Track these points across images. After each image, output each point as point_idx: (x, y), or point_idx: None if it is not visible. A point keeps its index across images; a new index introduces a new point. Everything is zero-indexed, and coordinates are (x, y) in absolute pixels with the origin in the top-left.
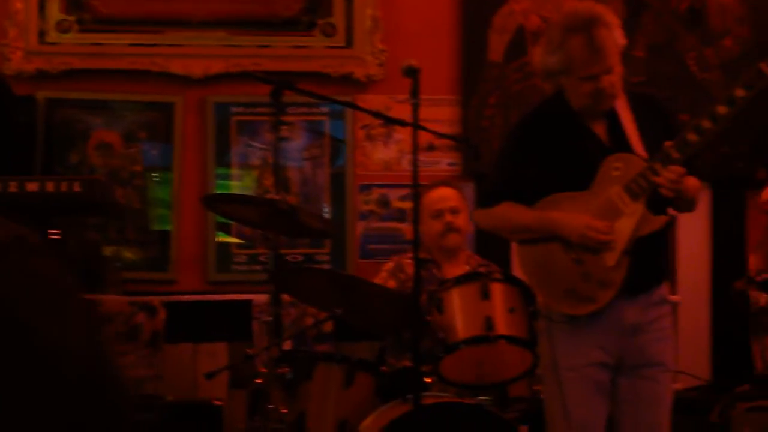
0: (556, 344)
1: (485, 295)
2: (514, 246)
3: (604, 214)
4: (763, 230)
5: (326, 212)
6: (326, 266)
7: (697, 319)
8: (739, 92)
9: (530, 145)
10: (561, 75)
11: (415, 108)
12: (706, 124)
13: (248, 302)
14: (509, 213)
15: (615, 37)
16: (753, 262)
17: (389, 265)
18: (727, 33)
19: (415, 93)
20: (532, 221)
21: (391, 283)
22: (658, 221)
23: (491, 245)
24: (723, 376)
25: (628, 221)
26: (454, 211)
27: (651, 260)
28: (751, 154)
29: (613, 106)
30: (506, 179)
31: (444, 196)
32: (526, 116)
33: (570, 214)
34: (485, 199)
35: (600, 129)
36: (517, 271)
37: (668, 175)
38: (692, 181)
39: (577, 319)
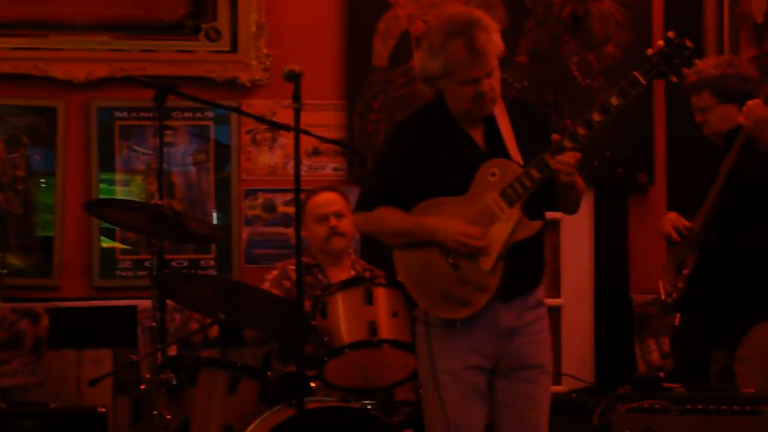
0: (434, 348)
1: (369, 299)
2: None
3: (481, 219)
4: (665, 254)
5: (214, 218)
6: (212, 272)
7: (581, 322)
8: (614, 100)
9: (407, 150)
10: (442, 79)
11: (297, 112)
12: (581, 130)
13: (133, 308)
14: (387, 217)
15: (494, 41)
16: (661, 286)
17: (273, 273)
18: (608, 39)
19: (297, 97)
20: (408, 226)
21: (276, 293)
22: (532, 227)
23: (377, 249)
24: (606, 379)
25: (504, 227)
26: (338, 216)
27: (526, 265)
28: (632, 159)
29: (491, 112)
30: (383, 183)
31: (328, 200)
32: (404, 120)
33: (445, 220)
34: (363, 202)
35: (478, 135)
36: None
37: (565, 158)
38: (579, 179)
39: (453, 323)
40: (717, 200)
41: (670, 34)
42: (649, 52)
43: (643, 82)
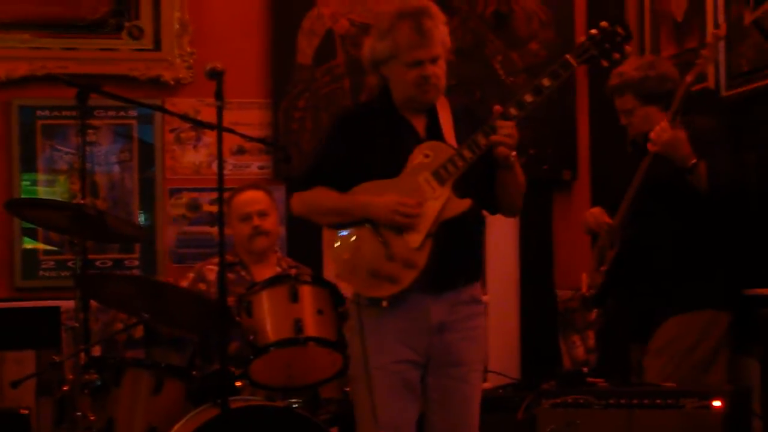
0: (366, 339)
1: (294, 297)
2: (325, 243)
3: (413, 198)
4: (589, 249)
5: (139, 218)
6: (136, 271)
7: (507, 318)
8: (546, 82)
9: (348, 134)
10: (388, 62)
11: (220, 111)
12: (513, 110)
13: (56, 309)
14: (321, 197)
15: (441, 30)
16: (584, 280)
17: (189, 276)
18: (532, 37)
19: (219, 95)
20: (342, 204)
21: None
22: (462, 204)
23: (303, 247)
24: (532, 374)
25: (434, 204)
26: (262, 215)
27: (459, 257)
28: (556, 156)
29: (434, 104)
30: (322, 165)
31: (252, 199)
32: (349, 107)
33: (379, 196)
34: (300, 182)
35: (419, 124)
36: (329, 274)
37: (501, 130)
38: (518, 166)
39: (379, 301)
40: (635, 199)
41: (603, 23)
42: (581, 38)
43: (575, 64)
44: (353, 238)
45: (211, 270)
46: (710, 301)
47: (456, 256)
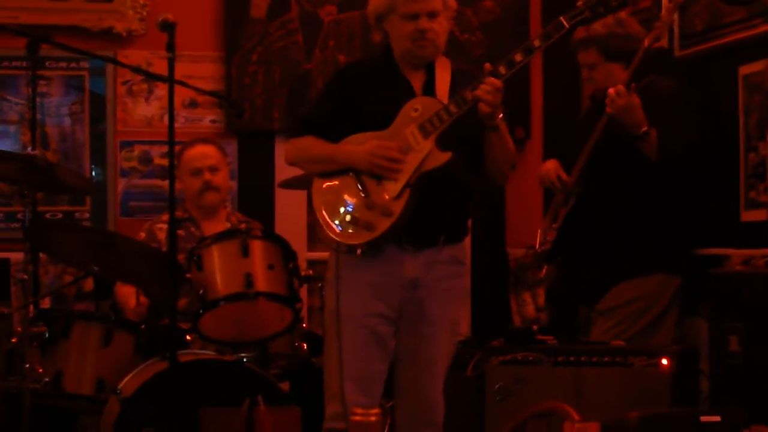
0: (341, 291)
1: (245, 252)
2: (313, 191)
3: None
4: (542, 208)
5: (92, 172)
6: (87, 224)
7: None
8: (537, 42)
9: (345, 87)
10: (387, 17)
11: (171, 63)
12: (503, 69)
13: (5, 261)
14: (311, 145)
15: None
16: (538, 235)
17: (141, 235)
18: None
19: (171, 47)
20: (329, 152)
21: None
22: (442, 157)
23: (254, 202)
24: (482, 332)
25: (415, 156)
26: (213, 170)
27: (438, 212)
28: (508, 114)
29: (433, 63)
30: (315, 114)
31: (203, 153)
32: (350, 61)
33: (363, 146)
34: (294, 130)
35: (416, 81)
36: (281, 229)
37: (485, 86)
38: (504, 126)
39: (355, 248)
40: (590, 157)
41: None
42: (580, 2)
43: (567, 26)
44: (336, 186)
45: (162, 229)
46: (662, 265)
47: (435, 211)
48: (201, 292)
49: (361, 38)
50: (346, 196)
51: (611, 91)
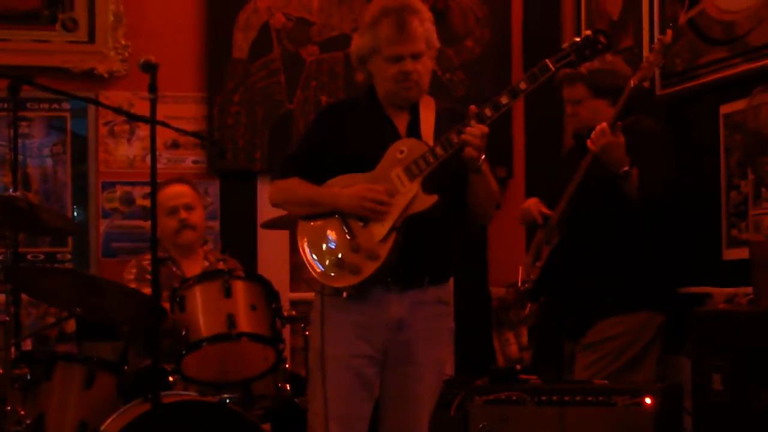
0: (326, 331)
1: (227, 292)
2: (299, 232)
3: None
4: (524, 247)
5: (74, 213)
6: (68, 265)
7: None
8: (523, 85)
9: (329, 127)
10: (371, 58)
11: (153, 103)
12: (488, 111)
13: None
14: (296, 187)
15: (426, 28)
16: (520, 273)
17: (132, 271)
18: (468, 34)
19: (153, 88)
20: (314, 195)
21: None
22: (427, 200)
23: (237, 243)
24: (465, 372)
25: (402, 198)
26: (188, 208)
27: (423, 254)
28: (490, 152)
29: (417, 103)
30: (300, 156)
31: (177, 192)
32: (333, 102)
33: (349, 188)
34: (279, 171)
35: (401, 122)
36: (263, 269)
37: (471, 130)
38: (487, 169)
39: (341, 291)
40: (574, 196)
41: (587, 32)
42: (565, 45)
43: (552, 69)
44: (321, 227)
45: (149, 264)
46: (647, 302)
47: (420, 252)
48: (183, 332)
49: (344, 78)
50: (331, 239)
51: (597, 128)
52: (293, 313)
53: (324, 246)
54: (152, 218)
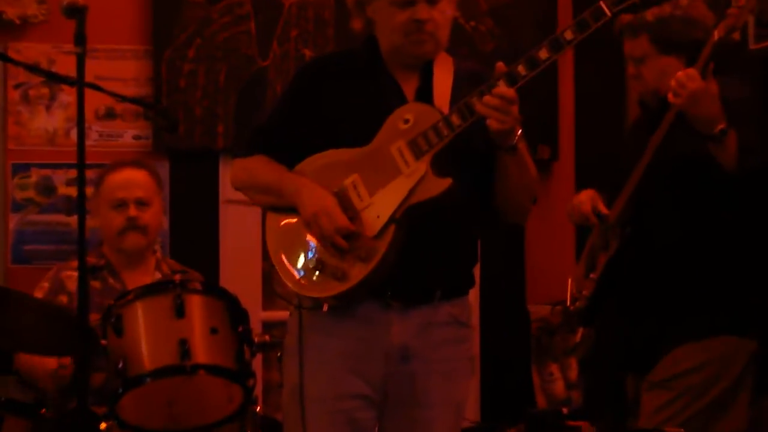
0: (306, 363)
1: (179, 311)
2: (267, 226)
3: (379, 173)
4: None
5: None
6: None
7: None
8: (569, 34)
9: (312, 91)
10: (373, 1)
11: (81, 59)
12: (522, 69)
13: None
14: (260, 168)
15: None
16: (569, 287)
17: (43, 286)
18: None
19: (81, 40)
20: (277, 181)
21: None
22: (440, 184)
23: (192, 244)
24: (495, 416)
25: (404, 182)
26: (140, 203)
27: (438, 258)
28: (530, 128)
29: (431, 62)
30: (270, 127)
31: (131, 180)
32: (321, 57)
33: (321, 188)
34: (244, 145)
35: (409, 85)
36: (228, 280)
37: (497, 93)
38: (523, 146)
39: (320, 303)
40: (639, 185)
41: None
42: None
43: (608, 14)
44: (297, 222)
45: (71, 278)
46: (733, 325)
47: (429, 256)
48: (120, 365)
49: (334, 26)
50: (309, 236)
51: (680, 74)
52: (266, 338)
53: (300, 245)
54: (80, 212)
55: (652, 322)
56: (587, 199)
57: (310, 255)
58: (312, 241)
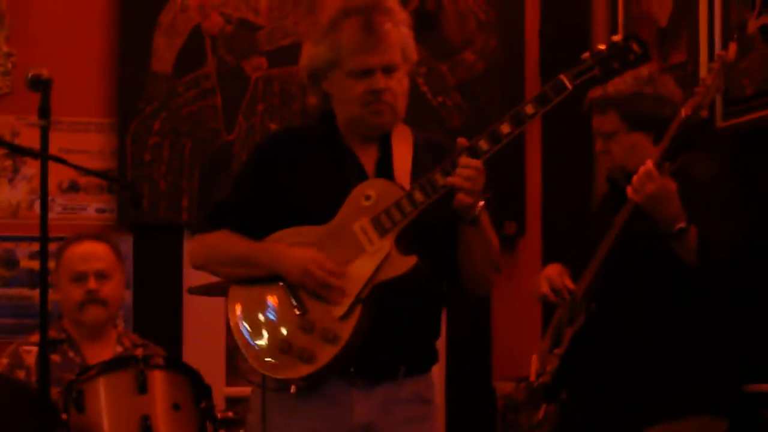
0: None
1: (142, 387)
2: (229, 304)
3: (343, 251)
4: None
5: None
6: None
7: None
8: (530, 108)
9: (271, 166)
10: (328, 72)
11: (45, 132)
12: (484, 144)
13: None
14: (225, 242)
15: (402, 33)
16: (533, 363)
17: (3, 361)
18: (467, 44)
19: (45, 112)
20: (249, 253)
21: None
22: (404, 263)
23: (155, 319)
24: None
25: (369, 261)
26: (100, 276)
27: (398, 335)
28: (496, 203)
29: (389, 133)
30: (231, 202)
31: (90, 253)
32: (279, 131)
33: (297, 247)
34: (204, 222)
35: (368, 158)
36: (191, 355)
37: (464, 169)
38: (486, 218)
39: (287, 385)
40: (604, 262)
41: (616, 37)
42: (585, 55)
43: (569, 87)
44: (261, 298)
45: (30, 352)
46: (704, 404)
47: (393, 332)
48: None
49: (301, 101)
50: (274, 313)
51: (641, 170)
52: (230, 414)
53: (264, 323)
54: (42, 286)
55: (620, 401)
56: (553, 274)
57: (275, 334)
58: (278, 318)
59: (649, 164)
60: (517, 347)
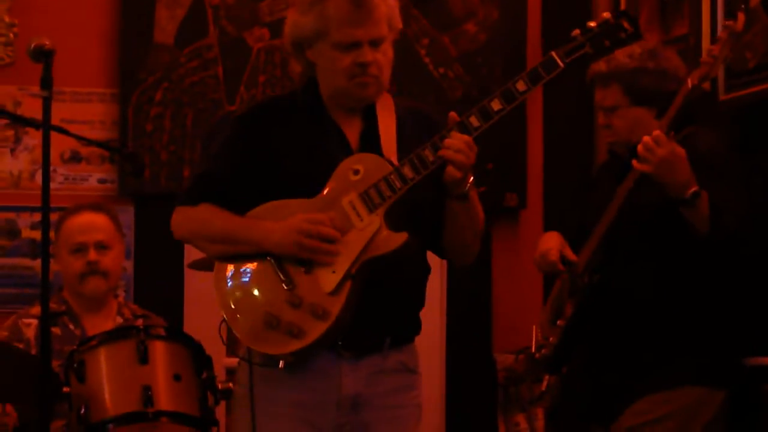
0: (257, 416)
1: (143, 357)
2: (215, 280)
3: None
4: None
5: None
6: None
7: (428, 393)
8: (521, 85)
9: (252, 138)
10: (314, 44)
11: (47, 102)
12: (474, 120)
13: None
14: (209, 217)
15: (389, 6)
16: (534, 334)
17: (2, 334)
18: (469, 15)
19: (47, 83)
20: (234, 228)
21: None
22: (395, 239)
23: (156, 290)
24: None
25: (358, 237)
26: (100, 247)
27: (388, 310)
28: (497, 175)
29: (374, 104)
30: (212, 175)
31: (90, 224)
32: (260, 102)
33: (283, 221)
34: (187, 195)
35: (352, 130)
36: (192, 326)
37: (454, 143)
38: (474, 194)
39: (276, 361)
40: (607, 234)
41: (606, 14)
42: (576, 32)
43: (561, 64)
44: (249, 275)
45: (30, 325)
46: (703, 375)
47: (383, 308)
48: (82, 410)
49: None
50: (262, 290)
51: (646, 138)
52: (230, 385)
53: (252, 299)
54: (43, 257)
55: (618, 373)
56: (555, 246)
57: (262, 310)
58: (265, 294)
59: (657, 132)
60: (518, 320)
